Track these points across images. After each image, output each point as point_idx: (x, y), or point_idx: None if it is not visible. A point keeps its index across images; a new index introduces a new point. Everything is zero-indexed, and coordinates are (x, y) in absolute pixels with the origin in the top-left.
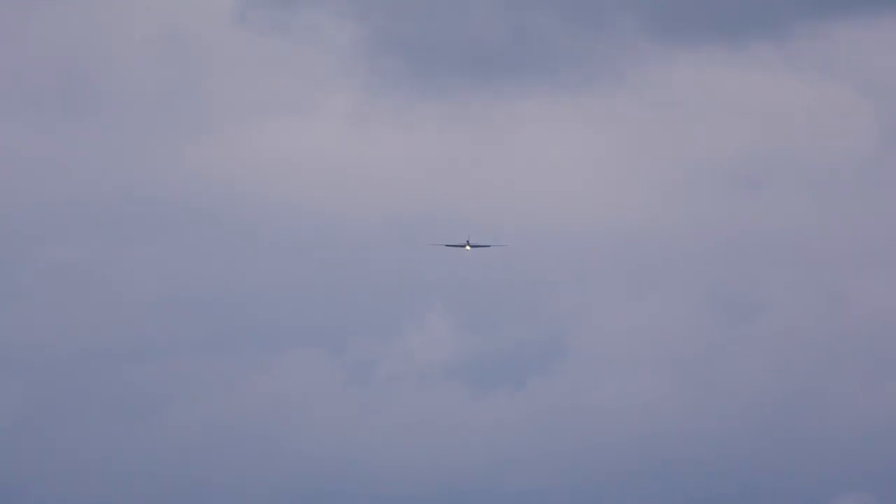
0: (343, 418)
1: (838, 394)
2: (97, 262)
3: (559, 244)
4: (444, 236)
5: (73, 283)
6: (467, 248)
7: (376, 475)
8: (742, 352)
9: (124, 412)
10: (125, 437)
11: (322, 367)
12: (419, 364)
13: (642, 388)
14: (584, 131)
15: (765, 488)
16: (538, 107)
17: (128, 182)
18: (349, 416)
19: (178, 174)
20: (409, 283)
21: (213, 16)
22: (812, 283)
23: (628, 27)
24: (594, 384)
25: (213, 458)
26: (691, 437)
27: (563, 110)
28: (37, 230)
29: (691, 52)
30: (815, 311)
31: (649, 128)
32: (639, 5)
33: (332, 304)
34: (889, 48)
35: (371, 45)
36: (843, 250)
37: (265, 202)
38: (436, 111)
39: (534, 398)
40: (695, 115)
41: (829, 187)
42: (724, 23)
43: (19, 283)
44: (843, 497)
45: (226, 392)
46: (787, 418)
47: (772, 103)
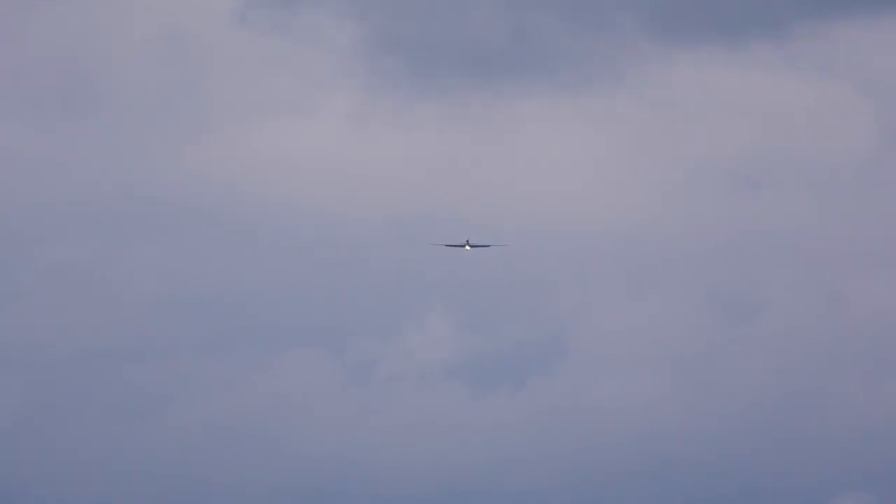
0: (343, 418)
1: (838, 394)
2: (97, 262)
3: (559, 244)
4: (444, 236)
5: (73, 283)
6: (467, 248)
7: (376, 475)
8: (742, 352)
9: (124, 412)
10: (125, 437)
11: (322, 367)
12: (419, 364)
13: (642, 388)
14: (584, 131)
15: (765, 488)
16: (538, 107)
17: (128, 182)
18: (349, 416)
19: (178, 174)
20: (409, 283)
21: (213, 16)
22: (812, 283)
23: (628, 27)
24: (594, 384)
25: (213, 458)
26: (691, 437)
27: (563, 110)
28: (37, 230)
29: (691, 52)
30: (815, 311)
31: (649, 128)
32: (639, 5)
33: (332, 304)
34: (889, 48)
35: (371, 45)
36: (843, 250)
37: (265, 202)
38: (436, 111)
39: (534, 398)
40: (695, 115)
41: (829, 187)
42: (724, 23)
43: (19, 283)
44: (843, 497)
45: (226, 392)
46: (787, 418)
47: (772, 103)
